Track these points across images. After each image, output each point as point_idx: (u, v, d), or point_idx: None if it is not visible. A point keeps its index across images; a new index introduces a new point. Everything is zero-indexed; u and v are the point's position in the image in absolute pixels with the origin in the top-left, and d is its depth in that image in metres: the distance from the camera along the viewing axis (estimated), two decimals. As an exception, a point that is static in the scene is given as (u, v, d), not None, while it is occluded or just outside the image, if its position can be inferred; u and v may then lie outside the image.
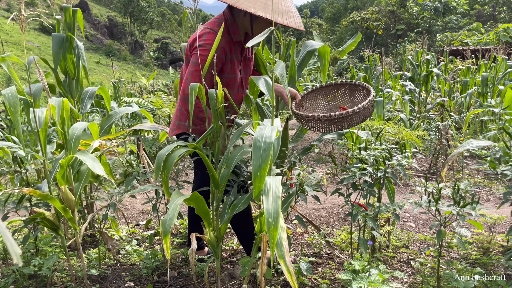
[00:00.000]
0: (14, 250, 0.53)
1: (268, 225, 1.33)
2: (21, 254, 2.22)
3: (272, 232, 1.33)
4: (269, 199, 1.37)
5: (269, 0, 1.86)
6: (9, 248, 0.53)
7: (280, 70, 1.57)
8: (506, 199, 1.85)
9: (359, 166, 1.92)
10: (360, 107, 1.98)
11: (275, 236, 1.33)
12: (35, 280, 2.19)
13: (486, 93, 6.26)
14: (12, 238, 0.55)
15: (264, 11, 1.84)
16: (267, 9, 1.85)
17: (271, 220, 1.33)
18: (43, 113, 1.88)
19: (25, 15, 1.72)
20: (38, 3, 38.31)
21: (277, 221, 1.34)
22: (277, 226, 1.33)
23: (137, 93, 9.01)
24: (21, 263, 0.54)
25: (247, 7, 1.84)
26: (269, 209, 1.35)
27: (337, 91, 2.42)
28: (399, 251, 2.48)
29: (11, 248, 0.53)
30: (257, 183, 1.38)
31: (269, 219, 1.34)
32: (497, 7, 30.93)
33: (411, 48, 16.94)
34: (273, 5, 1.85)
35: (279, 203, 1.37)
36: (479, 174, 4.29)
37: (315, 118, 2.04)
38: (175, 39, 51.10)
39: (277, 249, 1.41)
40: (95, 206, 2.86)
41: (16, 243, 1.90)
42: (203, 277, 2.25)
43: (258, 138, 1.43)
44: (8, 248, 0.53)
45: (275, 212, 1.34)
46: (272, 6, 1.85)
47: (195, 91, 1.64)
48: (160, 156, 1.63)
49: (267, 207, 1.35)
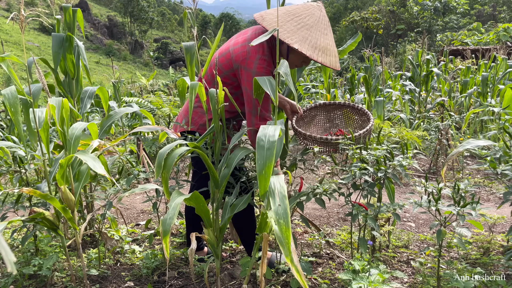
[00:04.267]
0: (8, 257, 0.52)
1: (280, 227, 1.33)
2: (20, 254, 2.22)
3: (285, 233, 1.33)
4: (276, 200, 1.37)
5: (310, 35, 1.88)
6: (3, 255, 0.52)
7: (284, 69, 1.58)
8: (506, 199, 1.84)
9: (359, 165, 1.92)
10: (357, 135, 2.06)
11: (289, 236, 1.33)
12: (35, 280, 2.19)
13: (486, 93, 6.25)
14: (7, 244, 0.54)
15: (301, 44, 1.84)
16: (304, 43, 1.85)
17: (281, 221, 1.34)
18: (43, 113, 1.88)
19: (24, 15, 1.72)
20: (38, 3, 38.30)
21: (288, 221, 1.34)
22: (288, 225, 1.33)
23: (137, 93, 9.01)
24: (15, 271, 0.54)
25: (286, 37, 1.84)
26: (277, 211, 1.35)
27: (338, 111, 2.47)
28: (399, 251, 2.48)
29: (5, 256, 0.52)
30: (263, 182, 1.37)
31: (279, 220, 1.34)
32: (497, 7, 30.93)
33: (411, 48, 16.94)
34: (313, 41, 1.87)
35: (286, 202, 1.37)
36: (479, 174, 4.29)
37: (312, 138, 2.10)
38: (175, 39, 51.10)
39: (284, 249, 1.40)
40: (94, 205, 2.85)
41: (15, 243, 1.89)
42: (203, 277, 2.25)
43: (261, 137, 1.43)
44: (2, 255, 0.52)
45: (284, 213, 1.34)
46: (311, 42, 1.87)
47: (195, 90, 1.64)
48: (161, 155, 1.63)
49: (275, 209, 1.35)
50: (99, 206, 2.59)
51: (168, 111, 4.95)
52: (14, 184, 2.32)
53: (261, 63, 1.91)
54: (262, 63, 1.91)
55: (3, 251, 0.52)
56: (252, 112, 1.97)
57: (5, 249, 0.52)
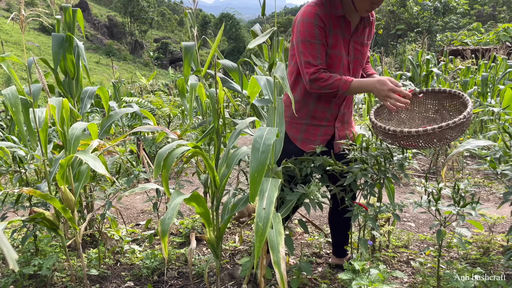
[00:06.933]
0: (10, 255, 0.52)
1: (257, 229, 1.32)
2: (20, 254, 2.22)
3: (260, 237, 1.31)
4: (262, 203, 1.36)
5: None
6: (5, 253, 0.52)
7: (280, 73, 1.55)
8: (506, 199, 1.84)
9: (360, 166, 1.92)
10: (451, 123, 1.62)
11: (262, 241, 1.31)
12: (35, 280, 2.19)
13: (486, 92, 6.25)
14: (8, 242, 0.54)
15: None
16: None
17: (260, 224, 1.32)
18: (43, 113, 1.89)
19: (25, 15, 1.72)
20: (38, 3, 38.31)
21: (266, 227, 1.32)
22: (265, 232, 1.31)
23: (137, 93, 9.02)
24: (17, 268, 0.54)
25: None
26: (260, 214, 1.34)
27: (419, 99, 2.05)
28: (399, 251, 2.48)
29: (7, 253, 0.52)
30: (253, 185, 1.37)
31: (258, 223, 1.32)
32: (497, 7, 30.93)
33: (411, 48, 16.92)
34: None
35: (271, 208, 1.35)
36: (479, 174, 4.29)
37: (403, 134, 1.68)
38: (175, 39, 51.11)
39: (273, 254, 1.39)
40: (94, 205, 2.85)
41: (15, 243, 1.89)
42: (203, 277, 2.25)
43: (257, 139, 1.41)
44: (4, 253, 0.52)
45: (266, 217, 1.33)
46: None
47: (195, 90, 1.64)
48: (161, 155, 1.63)
49: (259, 211, 1.34)
50: (99, 206, 2.59)
51: (168, 111, 4.95)
52: (14, 184, 2.32)
53: (307, 9, 1.83)
54: (307, 9, 1.83)
55: (5, 249, 0.52)
56: (301, 63, 1.87)
57: (7, 247, 0.53)
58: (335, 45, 1.87)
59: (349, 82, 1.80)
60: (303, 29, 1.81)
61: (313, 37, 1.79)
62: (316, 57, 1.82)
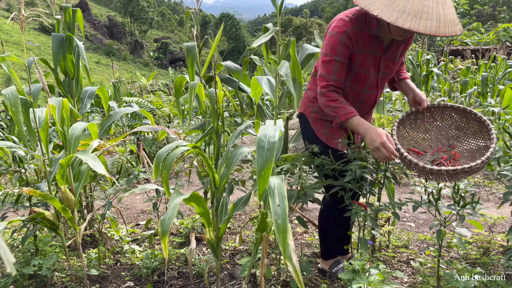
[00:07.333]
0: (7, 258, 0.52)
1: (278, 227, 1.33)
2: (20, 254, 2.22)
3: (282, 233, 1.33)
4: (275, 200, 1.37)
5: (409, 3, 1.56)
6: (2, 256, 0.52)
7: (285, 70, 1.57)
8: (506, 199, 1.84)
9: (359, 164, 1.92)
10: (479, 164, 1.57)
11: (286, 237, 1.33)
12: (35, 280, 2.19)
13: (486, 92, 6.25)
14: (6, 245, 0.54)
15: (382, 10, 1.58)
16: (388, 7, 1.58)
17: (279, 221, 1.34)
18: (43, 113, 1.89)
19: (25, 15, 1.72)
20: (38, 3, 38.32)
21: (286, 222, 1.34)
22: (286, 225, 1.34)
23: (137, 93, 9.02)
24: (14, 272, 0.53)
25: (366, 4, 1.63)
26: (276, 211, 1.35)
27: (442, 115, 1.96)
28: (399, 251, 2.48)
29: (4, 256, 0.52)
30: (261, 183, 1.38)
31: (277, 220, 1.34)
32: (497, 7, 30.94)
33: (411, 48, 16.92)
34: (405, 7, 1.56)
35: (285, 203, 1.37)
36: (479, 174, 4.29)
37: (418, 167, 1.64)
38: (175, 39, 51.11)
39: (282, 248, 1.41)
40: (94, 205, 2.85)
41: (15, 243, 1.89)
42: (203, 277, 2.25)
43: (261, 138, 1.44)
44: (1, 256, 0.52)
45: (283, 213, 1.35)
46: (398, 5, 1.57)
47: (194, 90, 1.64)
48: (160, 155, 1.64)
49: (274, 209, 1.36)
50: (99, 206, 2.60)
51: (168, 111, 4.95)
52: (14, 184, 2.32)
53: (339, 23, 1.80)
54: (339, 23, 1.80)
55: (2, 252, 0.52)
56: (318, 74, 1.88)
57: (4, 250, 0.52)
58: (362, 64, 1.87)
59: (351, 116, 1.78)
60: (328, 43, 1.82)
61: (335, 54, 1.80)
62: (331, 73, 1.82)
